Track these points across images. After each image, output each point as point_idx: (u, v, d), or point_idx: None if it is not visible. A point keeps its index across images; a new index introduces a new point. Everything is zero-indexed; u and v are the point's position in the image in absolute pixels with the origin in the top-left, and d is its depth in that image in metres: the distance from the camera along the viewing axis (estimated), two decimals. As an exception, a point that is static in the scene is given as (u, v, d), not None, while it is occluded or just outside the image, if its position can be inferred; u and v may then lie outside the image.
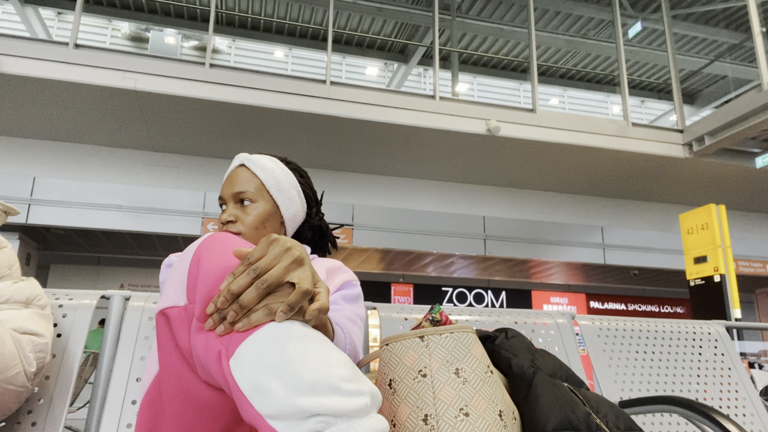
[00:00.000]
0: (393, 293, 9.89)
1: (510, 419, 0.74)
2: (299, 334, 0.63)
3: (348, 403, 0.58)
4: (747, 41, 8.12)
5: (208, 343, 0.65)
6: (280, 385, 0.58)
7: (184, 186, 7.02)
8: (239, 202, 1.10)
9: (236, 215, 1.08)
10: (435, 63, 6.69)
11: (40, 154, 6.66)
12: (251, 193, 1.10)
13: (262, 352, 0.61)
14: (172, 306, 0.71)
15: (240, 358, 0.62)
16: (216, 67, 5.92)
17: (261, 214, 1.10)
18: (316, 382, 0.58)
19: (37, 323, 1.03)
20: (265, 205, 1.11)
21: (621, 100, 7.24)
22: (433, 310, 0.86)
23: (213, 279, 0.68)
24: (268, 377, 0.59)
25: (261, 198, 1.11)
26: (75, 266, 8.39)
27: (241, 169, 1.13)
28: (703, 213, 6.08)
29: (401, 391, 0.75)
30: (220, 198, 1.12)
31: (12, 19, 7.99)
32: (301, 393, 0.58)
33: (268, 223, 1.11)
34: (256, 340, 0.62)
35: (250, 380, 0.60)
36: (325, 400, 0.57)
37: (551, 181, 8.04)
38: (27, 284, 1.09)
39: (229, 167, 1.15)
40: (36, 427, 1.07)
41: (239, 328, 0.63)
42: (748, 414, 1.62)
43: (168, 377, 0.71)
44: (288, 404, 0.57)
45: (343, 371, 0.61)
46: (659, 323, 1.76)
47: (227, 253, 0.70)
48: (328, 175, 7.61)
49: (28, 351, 0.98)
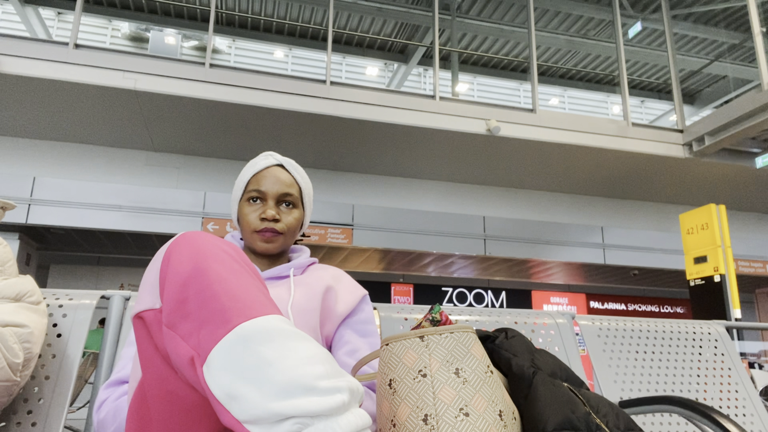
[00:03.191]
0: (393, 293, 9.89)
1: (510, 419, 0.74)
2: (271, 332, 0.62)
3: (324, 402, 0.57)
4: (747, 41, 8.12)
5: (179, 350, 0.64)
6: (253, 390, 0.58)
7: (184, 186, 7.02)
8: (282, 202, 1.09)
9: (279, 214, 1.07)
10: (435, 63, 6.69)
11: (40, 154, 6.66)
12: (295, 197, 1.10)
13: (234, 357, 0.60)
14: (148, 309, 0.70)
15: (212, 365, 0.60)
16: (216, 67, 5.92)
17: (298, 220, 1.11)
18: (290, 384, 0.57)
19: (22, 315, 1.04)
20: (300, 212, 1.12)
21: (621, 100, 7.24)
22: (433, 310, 0.86)
23: (181, 281, 0.67)
24: (240, 383, 0.58)
25: (300, 205, 1.12)
26: (75, 266, 8.39)
27: (281, 169, 1.11)
28: (703, 213, 6.08)
29: (401, 391, 0.75)
30: (257, 191, 1.08)
31: (12, 19, 7.98)
32: (276, 397, 0.57)
33: (298, 230, 1.12)
34: (226, 345, 0.61)
35: (224, 388, 0.59)
36: (300, 401, 0.56)
37: (551, 181, 8.04)
38: (18, 280, 1.09)
39: (257, 161, 1.12)
40: (36, 427, 1.07)
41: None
42: (748, 414, 1.62)
43: (151, 380, 0.70)
44: (263, 409, 0.57)
45: (319, 369, 0.59)
46: (659, 323, 1.76)
47: (196, 254, 0.69)
48: (328, 175, 7.61)
49: (12, 342, 0.99)
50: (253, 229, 1.06)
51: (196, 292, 0.66)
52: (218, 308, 0.64)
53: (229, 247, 0.74)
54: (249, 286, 0.68)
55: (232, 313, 0.63)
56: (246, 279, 0.69)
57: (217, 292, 0.65)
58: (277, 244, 1.07)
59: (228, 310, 0.63)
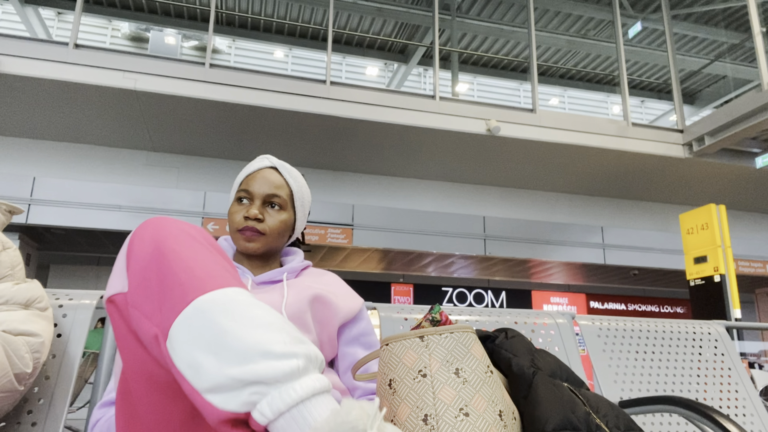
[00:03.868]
0: (393, 293, 9.88)
1: (510, 419, 0.74)
2: (228, 303, 0.63)
3: (280, 366, 0.58)
4: (747, 41, 8.11)
5: (144, 328, 0.66)
6: (212, 358, 0.59)
7: (184, 186, 7.03)
8: (268, 203, 1.09)
9: (263, 214, 1.07)
10: (435, 63, 6.69)
11: (40, 154, 6.66)
12: (283, 199, 1.09)
13: (193, 329, 0.61)
14: (117, 293, 0.72)
15: (173, 340, 0.62)
16: (216, 67, 5.92)
17: (285, 222, 1.10)
18: (248, 350, 0.58)
19: (33, 324, 1.03)
20: (289, 215, 1.11)
21: (621, 100, 7.24)
22: (433, 310, 0.86)
23: (143, 263, 0.69)
24: (200, 353, 0.59)
25: (288, 207, 1.11)
26: (75, 266, 8.39)
27: (273, 171, 1.11)
28: (703, 213, 6.08)
29: (401, 391, 0.75)
30: (245, 191, 1.09)
31: (12, 19, 7.98)
32: (234, 363, 0.58)
33: (285, 232, 1.11)
34: (185, 318, 0.62)
35: (185, 359, 0.60)
36: (257, 366, 0.57)
37: (551, 181, 8.04)
38: (28, 286, 1.09)
39: (252, 164, 1.13)
40: (36, 427, 1.07)
41: None
42: (748, 414, 1.62)
43: (129, 362, 0.71)
44: (222, 376, 0.58)
45: (276, 335, 0.61)
46: (659, 323, 1.76)
47: (157, 236, 0.71)
48: (328, 175, 7.61)
49: (24, 352, 0.98)
50: (236, 228, 1.07)
51: (156, 271, 0.67)
52: (177, 284, 0.65)
53: (193, 229, 0.75)
54: (208, 262, 0.69)
55: (189, 287, 0.64)
56: (205, 255, 0.71)
57: (176, 270, 0.66)
58: (258, 244, 1.07)
59: (186, 285, 0.65)
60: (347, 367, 1.05)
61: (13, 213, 1.19)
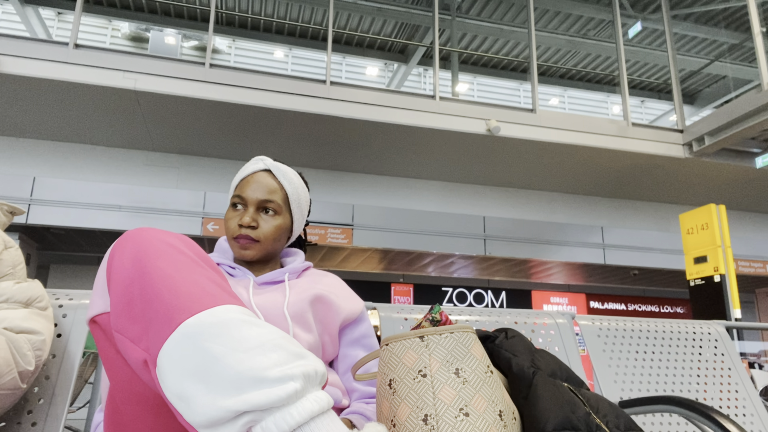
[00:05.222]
0: (393, 293, 9.88)
1: (510, 419, 0.74)
2: (217, 325, 0.60)
3: (275, 393, 0.55)
4: (747, 41, 8.12)
5: (131, 353, 0.62)
6: (203, 388, 0.56)
7: (184, 186, 7.02)
8: (262, 209, 1.07)
9: (257, 221, 1.06)
10: (435, 63, 6.69)
11: (40, 154, 6.66)
12: (277, 204, 1.07)
13: (181, 356, 0.58)
14: (101, 313, 0.69)
15: (162, 367, 0.59)
16: (216, 67, 5.92)
17: (281, 227, 1.08)
18: (240, 378, 0.55)
19: (35, 322, 1.03)
20: (285, 219, 1.09)
21: (621, 100, 7.24)
22: (433, 310, 0.86)
23: (124, 283, 0.65)
24: (190, 383, 0.56)
25: (284, 211, 1.09)
26: (75, 266, 8.39)
27: (267, 174, 1.09)
28: (703, 213, 6.08)
29: (401, 391, 0.74)
30: (239, 197, 1.07)
31: (12, 19, 7.98)
32: (225, 393, 0.55)
33: (282, 236, 1.10)
34: (172, 345, 0.59)
35: (174, 390, 0.57)
36: (251, 395, 0.55)
37: (551, 181, 8.04)
38: (29, 285, 1.09)
39: (246, 166, 1.11)
40: (36, 427, 1.07)
41: None
42: (748, 414, 1.62)
43: (117, 382, 0.68)
44: (214, 408, 0.55)
45: (270, 357, 0.58)
46: (659, 323, 1.76)
47: (138, 253, 0.67)
48: (328, 175, 7.60)
49: (26, 350, 0.98)
50: (231, 235, 1.06)
51: (139, 292, 0.64)
52: (161, 306, 0.62)
53: (176, 239, 0.71)
54: (195, 277, 0.66)
55: (175, 310, 0.61)
56: (191, 270, 0.67)
57: (160, 291, 0.63)
58: (253, 251, 1.05)
59: (172, 307, 0.61)
60: (347, 369, 1.05)
61: (14, 214, 1.20)
